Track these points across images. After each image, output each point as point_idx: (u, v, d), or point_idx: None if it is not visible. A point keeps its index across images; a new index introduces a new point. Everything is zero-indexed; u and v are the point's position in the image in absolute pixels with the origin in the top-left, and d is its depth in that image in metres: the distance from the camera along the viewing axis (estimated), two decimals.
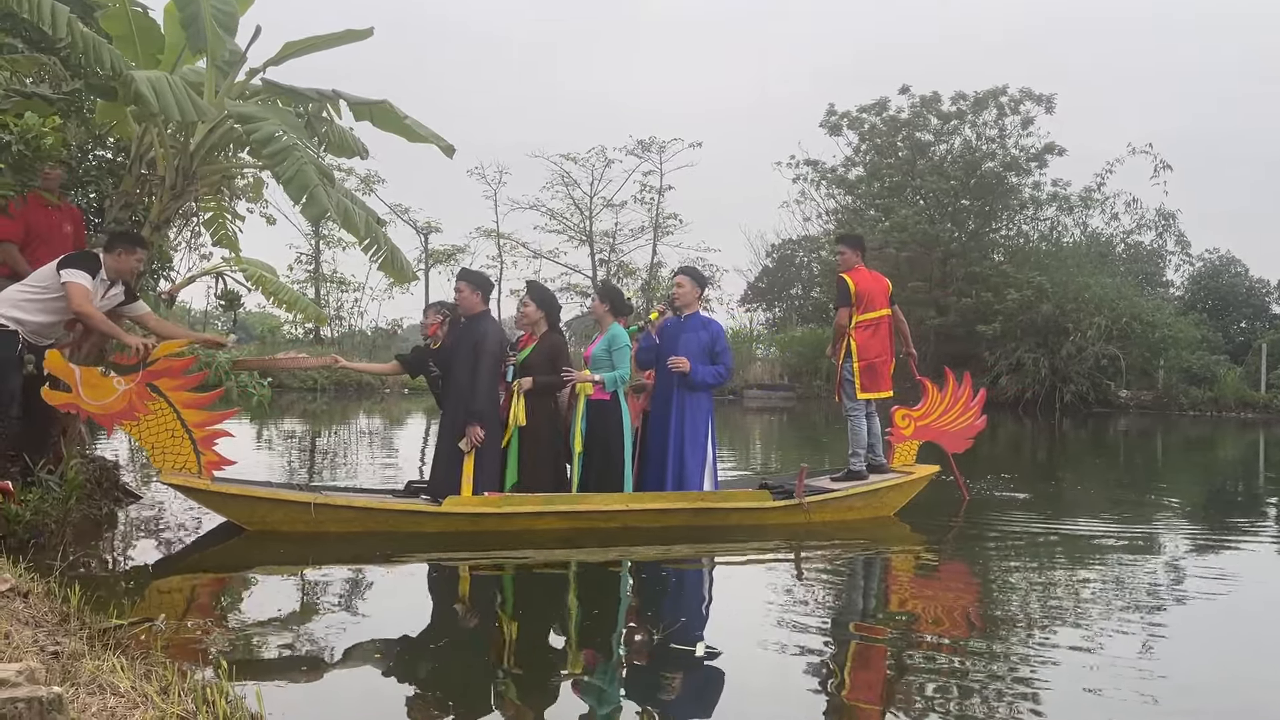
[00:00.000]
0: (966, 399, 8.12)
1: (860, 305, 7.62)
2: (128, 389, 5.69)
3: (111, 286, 5.87)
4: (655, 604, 5.21)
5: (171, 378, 5.81)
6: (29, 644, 2.96)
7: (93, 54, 5.53)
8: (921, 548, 6.86)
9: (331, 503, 6.15)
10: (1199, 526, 8.19)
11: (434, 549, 6.10)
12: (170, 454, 5.88)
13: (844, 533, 6.98)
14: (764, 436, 17.82)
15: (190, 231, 12.70)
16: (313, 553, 5.77)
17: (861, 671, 4.15)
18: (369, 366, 9.54)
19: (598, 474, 6.71)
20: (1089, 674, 3.95)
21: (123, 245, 5.87)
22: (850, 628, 4.70)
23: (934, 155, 30.56)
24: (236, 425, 15.03)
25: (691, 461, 6.92)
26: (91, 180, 7.59)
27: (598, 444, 6.73)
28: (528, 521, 6.36)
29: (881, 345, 7.69)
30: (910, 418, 7.93)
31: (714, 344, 7.08)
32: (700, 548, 6.43)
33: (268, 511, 6.08)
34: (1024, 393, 26.73)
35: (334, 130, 7.42)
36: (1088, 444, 17.51)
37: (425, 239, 35.74)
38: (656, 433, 7.04)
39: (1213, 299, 33.68)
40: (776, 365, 31.95)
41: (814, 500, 7.03)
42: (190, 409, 5.88)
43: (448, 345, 6.82)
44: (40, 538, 5.32)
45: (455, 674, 3.90)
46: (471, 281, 6.74)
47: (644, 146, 35.47)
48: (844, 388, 7.71)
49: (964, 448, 8.18)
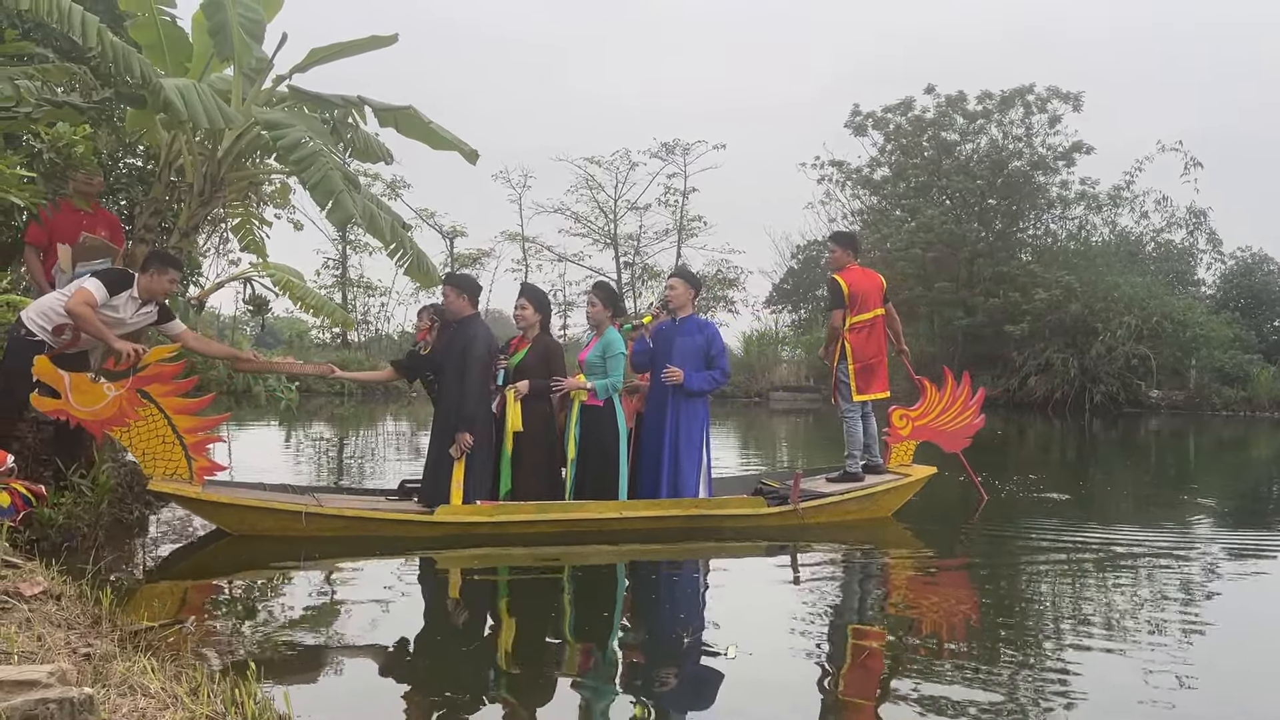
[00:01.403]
0: (965, 398, 8.03)
1: (854, 306, 7.59)
2: (118, 395, 5.61)
3: (144, 305, 5.90)
4: (654, 604, 5.26)
5: (162, 383, 5.74)
6: (61, 646, 3.00)
7: (122, 63, 5.61)
8: (914, 550, 6.83)
9: (322, 511, 6.13)
10: (1233, 529, 8.06)
11: (439, 546, 6.16)
12: (161, 460, 5.85)
13: (841, 535, 6.95)
14: (790, 438, 17.75)
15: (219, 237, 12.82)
16: (333, 549, 5.85)
17: (858, 671, 4.13)
18: (366, 375, 9.58)
19: (593, 479, 6.67)
20: (1120, 679, 3.91)
21: (156, 265, 5.90)
22: (847, 629, 4.70)
23: (960, 155, 30.33)
24: (265, 429, 15.26)
25: (687, 467, 6.86)
26: (122, 188, 7.69)
27: (593, 449, 6.69)
28: (521, 529, 6.33)
29: (876, 346, 7.67)
30: (908, 418, 7.87)
31: (709, 346, 6.98)
32: (697, 547, 6.46)
33: (258, 519, 6.06)
34: (1053, 393, 26.47)
35: (359, 136, 7.49)
36: (1118, 445, 17.30)
37: (451, 243, 35.91)
38: (651, 438, 6.97)
39: (1245, 297, 33.15)
40: (802, 367, 31.80)
41: (809, 505, 6.98)
42: (181, 415, 5.83)
43: (438, 350, 6.79)
44: (72, 541, 5.39)
45: (474, 674, 3.91)
46: (457, 285, 6.66)
47: (667, 149, 35.50)
48: (840, 390, 7.69)
49: (962, 447, 8.10)
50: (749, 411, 25.75)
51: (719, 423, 20.46)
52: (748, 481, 7.91)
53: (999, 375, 28.30)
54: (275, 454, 11.73)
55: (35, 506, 5.17)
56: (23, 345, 5.56)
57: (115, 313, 5.74)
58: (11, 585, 3.48)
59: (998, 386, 27.91)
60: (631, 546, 6.34)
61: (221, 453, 10.74)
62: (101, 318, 5.62)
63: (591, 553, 6.26)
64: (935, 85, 30.28)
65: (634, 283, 36.06)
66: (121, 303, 5.76)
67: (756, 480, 7.82)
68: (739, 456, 13.25)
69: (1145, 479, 11.71)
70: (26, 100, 6.02)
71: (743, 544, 6.62)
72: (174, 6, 6.83)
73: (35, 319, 5.64)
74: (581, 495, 6.62)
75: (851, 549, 6.64)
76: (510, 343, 6.89)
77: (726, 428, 19.42)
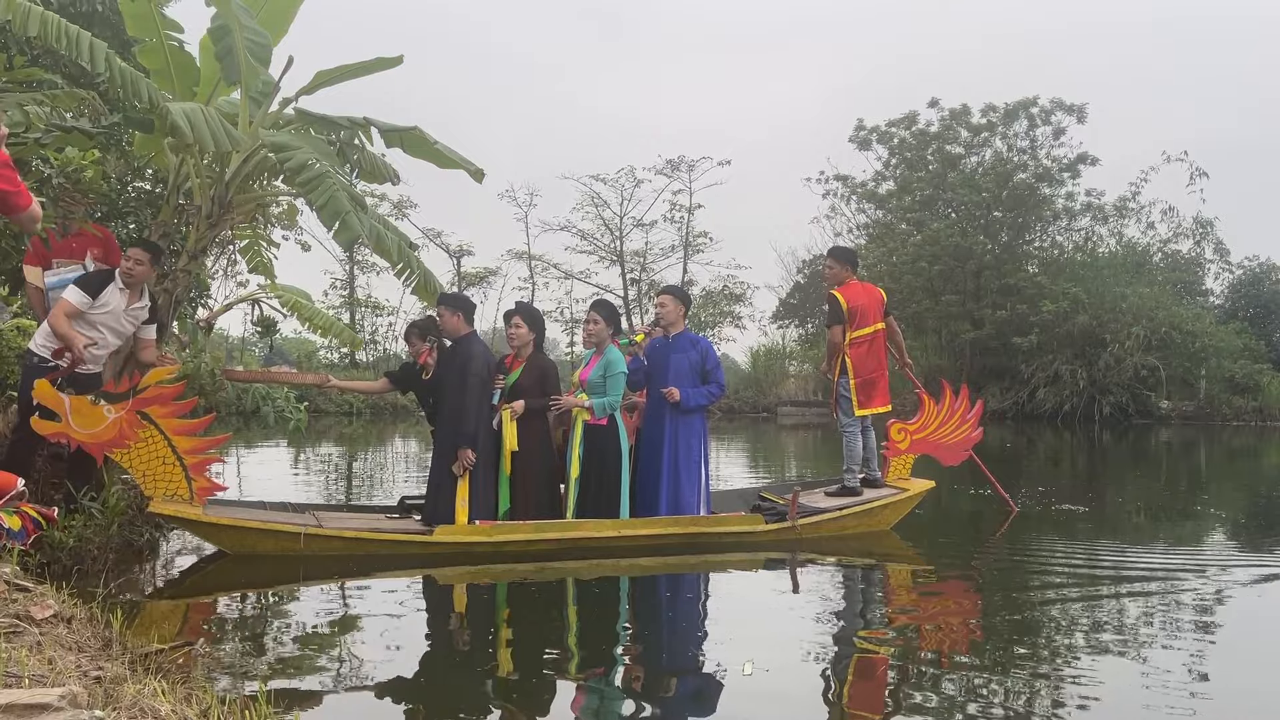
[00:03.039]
0: (963, 411, 8.03)
1: (853, 321, 7.62)
2: (117, 417, 5.62)
3: (135, 298, 5.97)
4: (654, 617, 5.30)
5: (162, 405, 5.75)
6: (72, 669, 3.00)
7: (130, 88, 5.65)
8: (923, 563, 6.87)
9: (322, 533, 6.15)
10: (1247, 541, 8.01)
11: (439, 564, 6.18)
12: (161, 481, 5.86)
13: (840, 547, 6.99)
14: (798, 452, 17.72)
15: (226, 259, 12.92)
16: (336, 567, 5.89)
17: (862, 683, 4.12)
18: (360, 386, 9.52)
19: (594, 498, 6.68)
20: (1131, 690, 3.88)
21: (127, 249, 6.00)
22: (851, 640, 4.70)
23: (965, 168, 30.41)
24: (275, 449, 15.29)
25: (686, 483, 6.90)
26: (131, 211, 7.73)
27: (594, 468, 6.70)
28: (520, 548, 6.34)
29: (876, 360, 7.71)
30: (906, 431, 7.88)
31: (704, 362, 7.04)
32: (696, 560, 6.49)
33: (257, 540, 6.07)
34: (1062, 405, 26.43)
35: (365, 157, 7.52)
36: (1128, 456, 17.24)
37: (458, 262, 36.05)
38: (650, 455, 7.00)
39: (1254, 307, 33.08)
40: (810, 381, 31.78)
41: (807, 522, 7.00)
42: (181, 435, 5.84)
43: (438, 373, 6.82)
44: (83, 564, 5.39)
45: (480, 692, 3.90)
46: (450, 305, 6.72)
47: (673, 166, 35.64)
48: (840, 404, 7.73)
49: (960, 460, 8.10)
50: (757, 426, 25.72)
51: (728, 438, 20.44)
52: (747, 495, 7.93)
53: (1007, 387, 28.26)
54: (283, 473, 11.73)
55: (46, 530, 5.18)
56: (34, 372, 5.60)
57: (107, 308, 5.83)
58: (23, 608, 3.49)
59: (1006, 399, 27.88)
60: (631, 561, 6.37)
61: (230, 473, 10.77)
62: (98, 318, 5.75)
63: (592, 567, 6.28)
64: (939, 99, 30.42)
65: (640, 299, 36.10)
66: (111, 298, 5.84)
67: (755, 495, 7.83)
68: (747, 471, 13.23)
69: (1158, 489, 11.65)
70: (36, 126, 6.07)
71: (741, 556, 6.66)
72: (181, 31, 6.88)
73: (41, 343, 5.71)
74: (583, 513, 6.63)
75: (852, 560, 6.67)
76: (505, 361, 6.91)
77: (735, 443, 19.40)
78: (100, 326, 5.85)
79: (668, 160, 35.67)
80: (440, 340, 6.94)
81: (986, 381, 29.05)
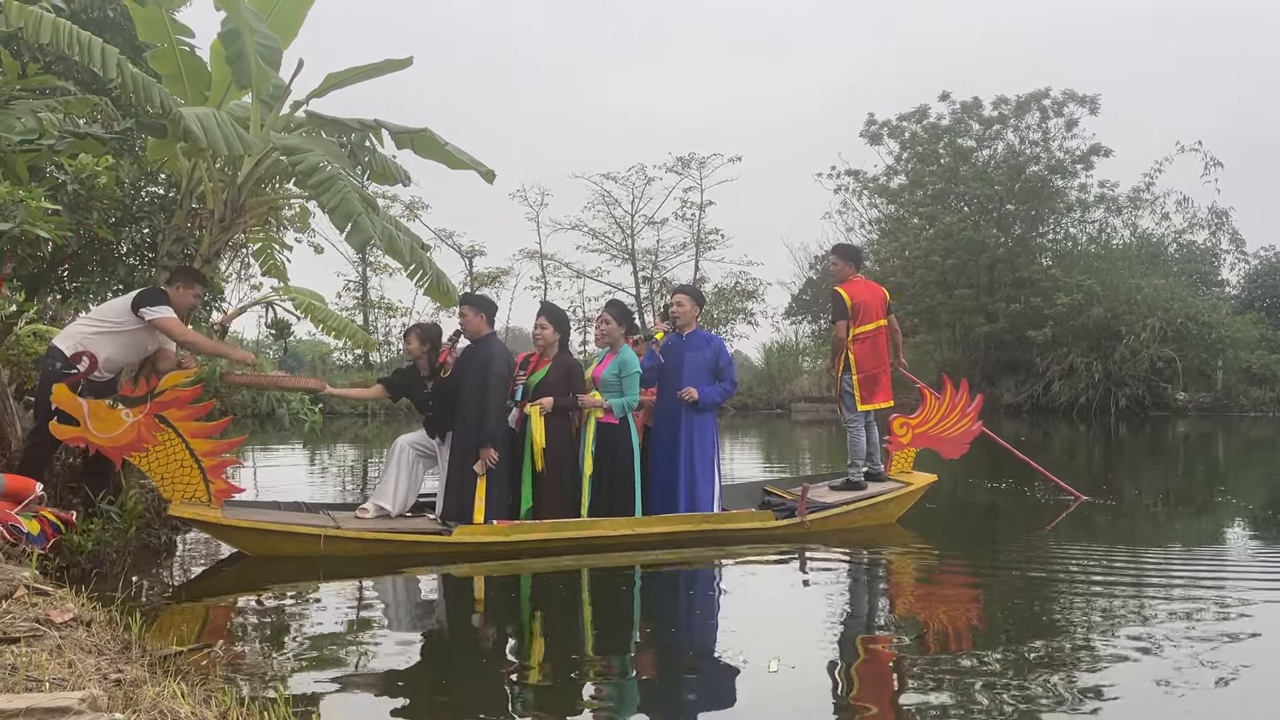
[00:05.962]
0: (964, 405, 8.05)
1: (856, 318, 7.74)
2: (135, 420, 5.65)
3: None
4: (670, 611, 5.35)
5: (179, 408, 5.79)
6: (92, 672, 3.02)
7: (143, 93, 5.69)
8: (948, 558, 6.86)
9: (341, 534, 6.19)
10: (1266, 530, 7.96)
11: (457, 561, 6.22)
12: (179, 484, 5.89)
13: (849, 539, 7.10)
14: (812, 448, 17.68)
15: (240, 263, 12.93)
16: (354, 566, 5.92)
17: (874, 676, 4.12)
18: (355, 392, 9.48)
19: (607, 496, 6.73)
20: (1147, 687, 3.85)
21: (183, 280, 6.07)
22: (861, 634, 4.75)
23: (977, 161, 30.26)
24: (290, 451, 15.34)
25: (702, 481, 7.00)
26: (144, 216, 7.77)
27: (607, 467, 6.75)
28: (537, 546, 6.39)
29: (879, 357, 7.84)
30: (908, 425, 7.92)
31: (717, 360, 7.17)
32: (710, 554, 6.57)
33: (278, 543, 6.10)
34: (1077, 398, 26.26)
35: (376, 159, 7.54)
36: (1145, 449, 17.12)
37: (470, 262, 36.07)
38: (664, 454, 7.07)
39: (1270, 297, 32.81)
40: (823, 377, 31.68)
41: (815, 517, 7.10)
42: (198, 438, 5.87)
43: (456, 372, 6.81)
44: (102, 567, 5.43)
45: (500, 690, 3.90)
46: (475, 305, 6.79)
47: (683, 163, 35.52)
48: (844, 400, 7.87)
49: (960, 453, 8.13)
50: (772, 423, 25.69)
51: (743, 434, 20.42)
52: (752, 490, 8.04)
53: (1022, 381, 28.11)
54: (299, 474, 11.77)
55: (65, 534, 5.22)
56: (53, 377, 5.64)
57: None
58: (42, 613, 3.51)
59: (1021, 393, 27.74)
60: (645, 555, 6.44)
61: (246, 475, 10.81)
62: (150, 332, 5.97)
63: (606, 561, 6.34)
64: (950, 92, 30.26)
65: (653, 297, 36.07)
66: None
67: (761, 490, 7.94)
68: (762, 467, 13.22)
69: (1176, 480, 11.57)
70: (50, 133, 6.11)
71: (752, 548, 6.73)
72: (192, 36, 6.91)
73: (60, 345, 5.75)
74: (596, 511, 6.67)
75: (858, 553, 6.78)
76: (529, 360, 6.92)
77: (750, 439, 19.37)
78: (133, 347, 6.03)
79: (678, 158, 35.60)
80: (455, 341, 6.97)
81: (1001, 375, 28.92)
